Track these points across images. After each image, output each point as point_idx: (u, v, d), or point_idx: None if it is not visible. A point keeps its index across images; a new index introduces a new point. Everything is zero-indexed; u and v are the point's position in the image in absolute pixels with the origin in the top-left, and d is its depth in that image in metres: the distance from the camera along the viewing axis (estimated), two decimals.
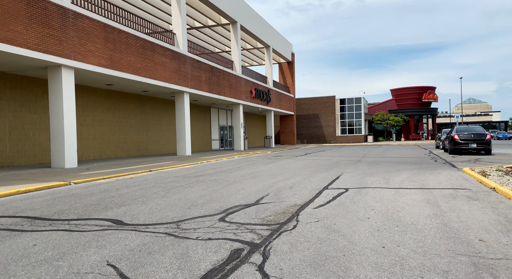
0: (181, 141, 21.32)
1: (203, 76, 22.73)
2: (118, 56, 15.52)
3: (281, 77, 43.65)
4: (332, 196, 6.94)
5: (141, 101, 22.37)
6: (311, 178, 9.68)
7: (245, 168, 13.07)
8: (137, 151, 21.91)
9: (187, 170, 12.92)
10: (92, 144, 18.54)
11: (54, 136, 13.32)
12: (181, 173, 11.86)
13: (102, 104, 19.21)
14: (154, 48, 17.99)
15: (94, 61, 14.22)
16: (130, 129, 21.38)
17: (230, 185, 8.74)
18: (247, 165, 14.41)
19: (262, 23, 32.81)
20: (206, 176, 10.80)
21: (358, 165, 13.37)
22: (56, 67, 13.07)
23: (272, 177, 10.20)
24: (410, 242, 4.02)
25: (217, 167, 13.95)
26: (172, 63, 19.52)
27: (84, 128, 18.04)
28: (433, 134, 52.90)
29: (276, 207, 6.02)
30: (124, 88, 19.55)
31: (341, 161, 15.49)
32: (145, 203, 6.58)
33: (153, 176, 11.10)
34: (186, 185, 8.80)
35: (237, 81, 27.84)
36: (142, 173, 11.93)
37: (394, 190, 7.55)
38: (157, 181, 9.79)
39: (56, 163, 13.32)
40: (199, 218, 5.35)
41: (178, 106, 21.18)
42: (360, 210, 5.66)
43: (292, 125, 43.06)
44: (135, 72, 16.60)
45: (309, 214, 5.45)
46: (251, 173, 11.44)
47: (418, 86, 52.71)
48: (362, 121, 45.73)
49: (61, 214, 5.84)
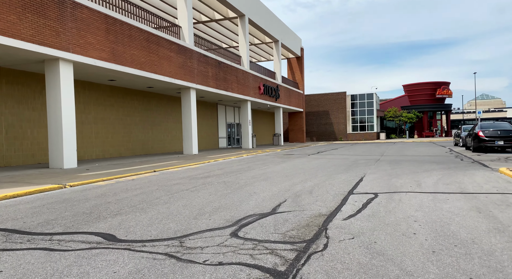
0: (187, 140, 20.46)
1: (210, 72, 21.82)
2: (120, 50, 14.66)
3: (290, 73, 42.58)
4: (361, 203, 5.98)
5: (146, 98, 21.54)
6: (331, 181, 8.71)
7: (255, 168, 12.14)
8: (142, 150, 21.11)
9: (193, 170, 12.03)
10: (95, 142, 17.75)
11: (52, 135, 12.51)
12: (187, 174, 10.97)
13: (105, 101, 18.40)
14: (158, 41, 17.11)
15: (94, 54, 13.37)
16: (135, 127, 20.57)
17: (241, 188, 7.82)
18: (257, 165, 13.48)
19: (271, 17, 31.77)
20: (214, 177, 9.89)
21: (379, 165, 12.35)
22: (54, 61, 12.24)
23: (286, 179, 9.25)
24: (486, 273, 3.05)
25: (225, 167, 13.04)
26: (178, 58, 18.63)
27: (86, 126, 17.24)
28: (447, 131, 51.39)
29: (297, 217, 5.08)
30: (128, 84, 18.72)
31: (359, 161, 14.48)
32: (144, 211, 5.68)
33: (157, 177, 10.22)
34: (192, 189, 7.90)
35: (245, 76, 26.88)
36: (145, 174, 11.06)
37: (431, 195, 6.56)
38: (160, 183, 8.91)
39: (54, 163, 12.52)
40: (207, 232, 4.43)
41: (184, 103, 20.30)
42: (400, 222, 4.69)
43: (301, 122, 42.00)
44: (139, 66, 15.74)
45: (340, 228, 4.50)
46: (262, 174, 10.50)
47: (432, 81, 51.20)
48: (374, 118, 44.49)
49: (46, 225, 4.97)
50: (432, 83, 50.82)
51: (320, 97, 46.34)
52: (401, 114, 47.87)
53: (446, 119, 51.23)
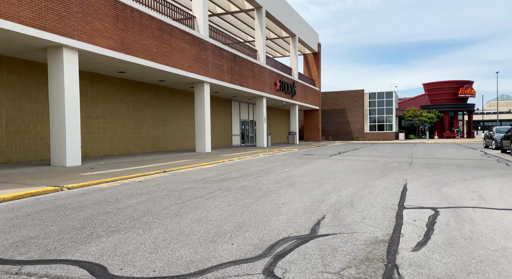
0: (200, 137, 19.32)
1: (225, 65, 20.62)
2: (130, 38, 13.56)
3: (306, 69, 41.14)
4: (424, 222, 4.69)
5: (158, 92, 20.46)
6: (370, 189, 7.41)
7: (276, 170, 10.90)
8: (152, 147, 20.05)
9: (207, 171, 10.85)
10: (103, 138, 16.74)
11: (54, 129, 11.48)
12: (200, 175, 9.79)
13: (114, 95, 17.37)
14: (171, 31, 15.96)
15: (102, 42, 12.28)
16: (145, 122, 19.52)
17: (265, 196, 6.59)
18: (277, 166, 12.24)
19: (288, 10, 30.40)
20: (231, 180, 8.69)
21: (415, 169, 10.97)
22: (57, 48, 11.18)
23: (316, 185, 7.99)
24: None
25: (242, 168, 11.83)
26: (192, 49, 17.47)
27: (94, 120, 16.23)
28: (469, 132, 49.21)
29: (348, 244, 3.83)
30: (139, 77, 17.65)
31: (390, 163, 13.10)
32: (149, 228, 4.51)
33: (167, 179, 9.07)
34: (207, 195, 6.70)
35: (261, 71, 25.62)
36: (154, 175, 9.92)
37: (509, 213, 5.22)
38: (170, 187, 7.75)
39: (56, 160, 11.49)
40: (230, 267, 3.22)
41: (198, 98, 19.16)
42: (498, 259, 3.39)
43: (317, 121, 40.56)
44: (150, 57, 14.63)
45: (415, 266, 3.23)
46: (286, 178, 9.25)
47: (454, 80, 49.05)
48: (393, 117, 42.74)
49: (20, 247, 3.82)
50: (455, 82, 48.68)
51: (336, 94, 44.77)
52: (420, 114, 45.96)
53: (469, 120, 49.03)
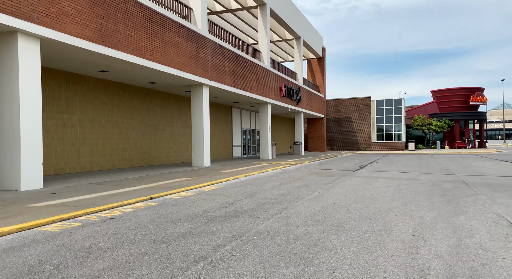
0: (198, 148, 16.57)
1: (227, 66, 17.99)
2: (111, 28, 10.88)
3: (310, 75, 38.66)
4: None
5: (148, 97, 17.73)
6: (469, 237, 4.67)
7: (301, 196, 8.15)
8: (141, 161, 17.23)
9: (208, 198, 8.08)
10: (80, 151, 13.92)
11: (4, 142, 8.68)
12: (200, 206, 7.02)
13: (95, 99, 14.62)
14: (164, 22, 13.33)
15: (74, 30, 9.59)
16: (133, 132, 16.74)
17: (314, 258, 3.83)
18: (298, 189, 9.50)
19: (293, 9, 27.98)
20: (245, 217, 5.94)
21: (486, 193, 8.25)
22: (9, 34, 8.47)
23: (377, 227, 5.24)
24: None
25: (254, 191, 9.07)
26: (188, 46, 14.82)
27: (69, 129, 13.44)
28: (481, 141, 46.77)
29: None
30: (125, 78, 14.94)
31: (439, 183, 10.39)
32: None
33: (152, 213, 6.29)
34: (213, 256, 3.92)
35: (266, 75, 23.02)
36: (136, 204, 7.15)
37: None
38: (155, 231, 4.98)
39: (7, 183, 8.66)
40: None
41: (195, 104, 16.46)
42: None
43: (322, 130, 37.94)
44: (137, 52, 11.95)
45: None
46: (322, 210, 6.51)
47: (465, 87, 46.78)
48: (402, 126, 40.21)
49: None
50: (465, 89, 46.41)
51: (341, 102, 42.27)
52: (430, 123, 43.50)
53: (480, 128, 46.64)
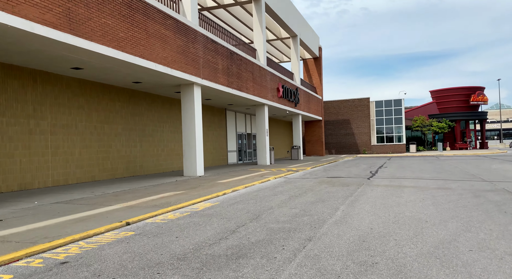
0: (190, 155, 14.70)
1: (220, 64, 16.19)
2: (82, 13, 9.03)
3: (306, 76, 37.05)
4: None
5: (133, 99, 15.84)
6: None
7: (325, 218, 6.35)
8: (125, 170, 15.29)
9: (202, 222, 6.23)
10: (52, 162, 11.97)
11: None
12: (190, 238, 5.17)
13: (69, 101, 12.70)
14: (146, 10, 11.51)
15: (31, 13, 7.73)
16: (116, 138, 14.81)
17: None
18: (314, 205, 7.69)
19: (289, 5, 26.35)
20: (256, 259, 4.11)
21: None
22: None
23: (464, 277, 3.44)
24: None
25: (260, 210, 7.24)
26: (176, 39, 13.01)
27: (37, 137, 11.49)
28: (483, 142, 45.48)
29: None
30: (104, 77, 13.05)
31: (479, 193, 8.66)
32: None
33: (124, 251, 4.43)
34: None
35: (262, 74, 21.28)
36: (106, 235, 5.28)
37: None
38: None
39: None
40: None
41: (186, 105, 14.62)
42: None
43: (320, 133, 36.28)
44: (116, 44, 10.10)
45: None
46: (360, 241, 4.72)
47: (465, 87, 45.52)
48: (403, 127, 38.71)
49: None
50: (465, 88, 45.15)
51: (339, 103, 40.69)
52: (430, 123, 42.10)
53: (481, 129, 45.35)
